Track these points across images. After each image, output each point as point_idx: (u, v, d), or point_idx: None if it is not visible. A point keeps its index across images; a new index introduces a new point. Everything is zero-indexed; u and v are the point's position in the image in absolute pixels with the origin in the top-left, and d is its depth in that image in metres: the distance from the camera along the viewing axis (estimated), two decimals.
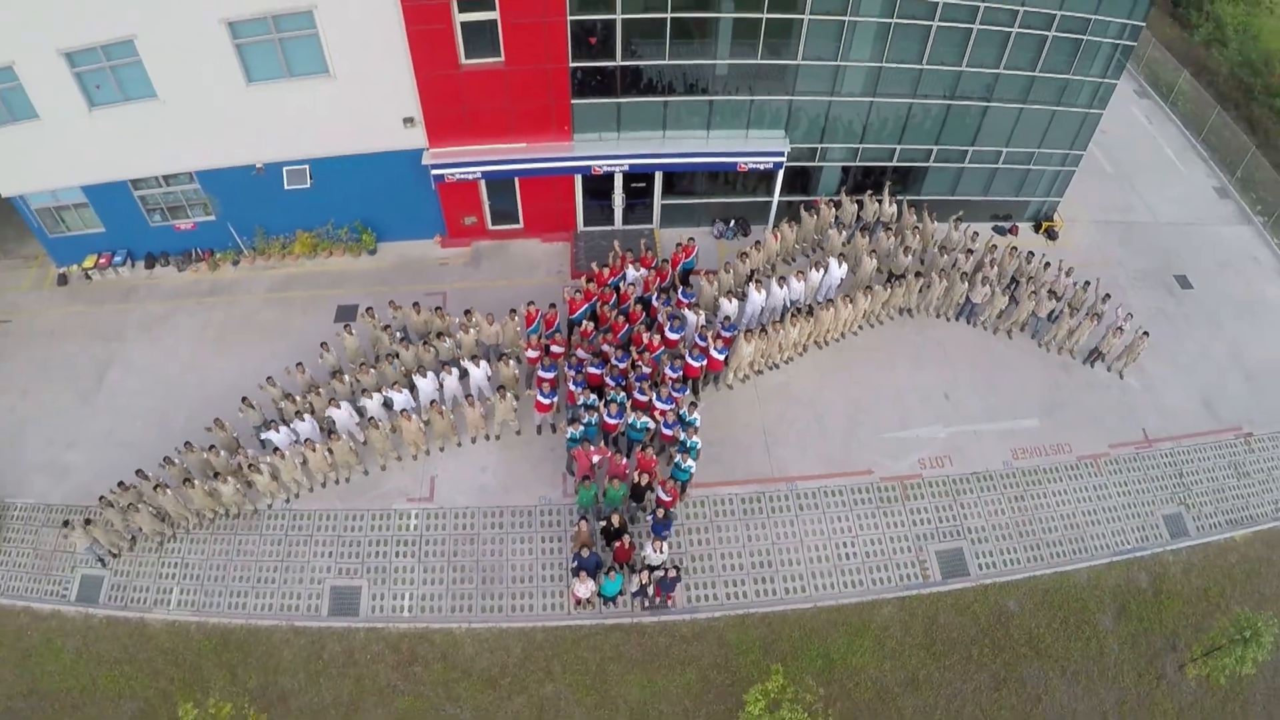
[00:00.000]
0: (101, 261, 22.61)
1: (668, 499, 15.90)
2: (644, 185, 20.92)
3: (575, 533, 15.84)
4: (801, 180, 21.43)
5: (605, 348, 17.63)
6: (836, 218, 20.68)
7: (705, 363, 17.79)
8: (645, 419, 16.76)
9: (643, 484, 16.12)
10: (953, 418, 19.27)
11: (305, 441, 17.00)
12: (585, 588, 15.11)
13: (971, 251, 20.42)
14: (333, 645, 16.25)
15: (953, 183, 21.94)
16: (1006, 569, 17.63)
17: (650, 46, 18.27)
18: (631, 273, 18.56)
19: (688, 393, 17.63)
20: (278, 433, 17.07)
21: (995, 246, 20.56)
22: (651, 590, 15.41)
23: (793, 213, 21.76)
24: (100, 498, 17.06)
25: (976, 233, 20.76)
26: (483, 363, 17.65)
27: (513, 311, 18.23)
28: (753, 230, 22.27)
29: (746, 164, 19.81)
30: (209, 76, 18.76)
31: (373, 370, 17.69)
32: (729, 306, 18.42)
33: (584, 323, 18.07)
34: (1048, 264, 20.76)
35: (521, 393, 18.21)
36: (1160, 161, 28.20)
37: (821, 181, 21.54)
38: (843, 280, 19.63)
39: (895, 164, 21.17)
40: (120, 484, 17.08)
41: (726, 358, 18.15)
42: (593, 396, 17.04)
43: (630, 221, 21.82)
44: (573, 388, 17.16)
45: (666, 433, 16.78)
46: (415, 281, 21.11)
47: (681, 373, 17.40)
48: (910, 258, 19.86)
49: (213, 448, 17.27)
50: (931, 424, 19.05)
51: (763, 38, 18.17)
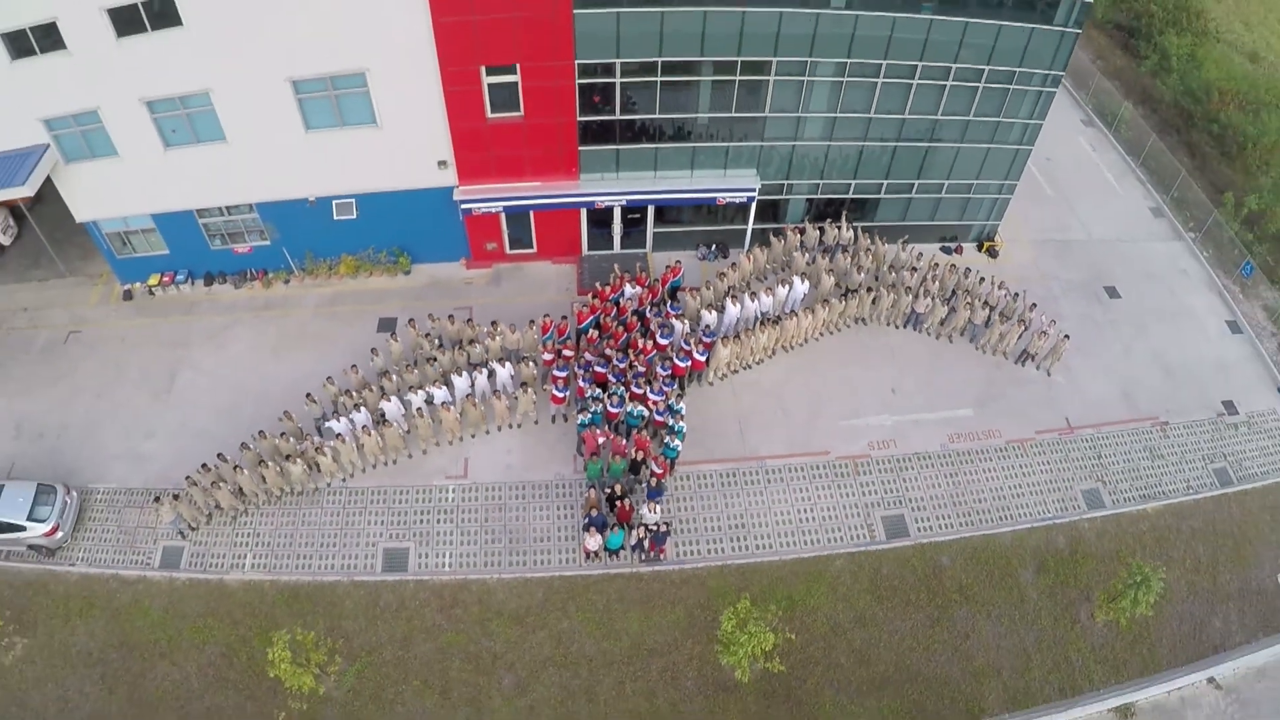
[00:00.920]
0: (165, 280, 27.87)
1: (659, 472, 21.20)
2: (638, 216, 26.55)
3: (585, 499, 21.06)
4: (772, 210, 27.10)
5: (608, 351, 22.99)
6: (802, 242, 26.16)
7: (690, 363, 23.23)
8: (641, 408, 22.08)
9: (639, 460, 21.46)
10: (898, 408, 24.68)
11: (361, 429, 22.18)
12: (594, 541, 20.27)
13: (916, 269, 25.90)
14: (387, 595, 21.30)
15: (903, 210, 27.58)
16: (941, 531, 22.88)
17: (644, 103, 23.72)
18: (629, 290, 24.07)
19: (676, 387, 22.96)
20: (338, 422, 22.23)
21: (936, 264, 26.09)
22: (647, 544, 20.63)
23: (764, 238, 27.40)
24: (186, 478, 22.11)
25: (920, 253, 26.37)
26: (507, 364, 22.98)
27: (531, 322, 23.67)
28: (730, 253, 27.90)
29: (724, 198, 25.50)
30: (273, 124, 24.08)
31: (415, 371, 22.90)
32: (709, 317, 23.83)
33: (590, 331, 23.47)
34: (982, 279, 26.19)
35: (539, 389, 23.47)
36: (1100, 185, 33.78)
37: (789, 211, 27.26)
38: (805, 295, 25.07)
39: (852, 196, 26.85)
40: (203, 465, 22.16)
41: (707, 359, 23.54)
42: (598, 390, 22.42)
43: (627, 246, 27.42)
44: (581, 384, 22.50)
45: (658, 419, 22.10)
46: (445, 298, 26.57)
47: (670, 371, 22.78)
48: (863, 275, 25.38)
49: (284, 435, 22.40)
50: (880, 413, 24.48)
51: (736, 95, 23.71)
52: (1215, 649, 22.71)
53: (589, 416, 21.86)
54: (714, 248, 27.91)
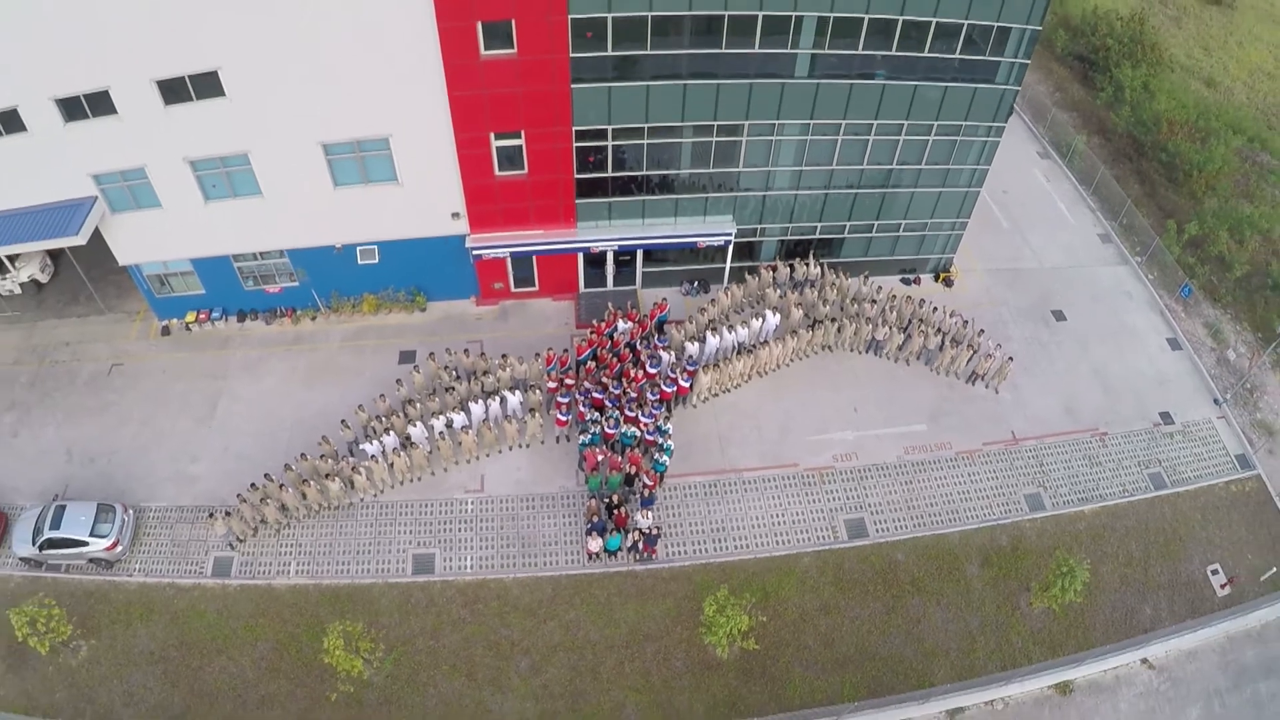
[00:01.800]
0: (201, 317, 32.93)
1: (651, 484, 26.37)
2: (629, 258, 31.91)
3: (587, 508, 26.21)
4: (747, 250, 32.53)
5: (604, 380, 28.22)
6: (774, 279, 31.37)
7: (676, 389, 28.53)
8: (634, 429, 27.26)
9: (633, 474, 26.62)
10: (859, 424, 30.01)
11: (391, 451, 27.17)
12: (595, 544, 25.38)
13: (875, 301, 31.23)
14: (417, 594, 26.30)
15: (865, 247, 33.01)
16: (896, 532, 28.10)
17: (632, 161, 28.94)
18: (621, 325, 29.36)
19: (664, 410, 28.15)
20: (371, 445, 27.23)
21: (894, 296, 31.41)
22: (641, 546, 25.75)
23: (741, 275, 32.81)
24: (238, 495, 27.07)
25: (880, 286, 31.69)
26: (517, 392, 28.15)
27: (536, 355, 28.95)
28: (711, 288, 33.32)
29: (704, 242, 30.95)
30: (304, 181, 29.16)
31: (436, 399, 27.94)
32: (692, 348, 29.19)
33: (589, 362, 28.63)
34: (935, 308, 31.47)
35: (545, 413, 28.56)
36: (1052, 214, 39.24)
37: (762, 250, 32.72)
38: (777, 326, 30.36)
39: (818, 236, 32.28)
40: (252, 485, 27.13)
41: (691, 385, 28.78)
42: (596, 414, 27.60)
43: (619, 284, 32.78)
44: (582, 409, 27.70)
45: (649, 439, 27.30)
46: (457, 333, 31.84)
47: (659, 397, 28.01)
48: (828, 307, 30.69)
49: (322, 457, 27.37)
50: (843, 429, 29.81)
51: (713, 152, 29.00)
52: (1145, 633, 27.98)
53: (589, 437, 27.11)
54: (696, 284, 33.43)
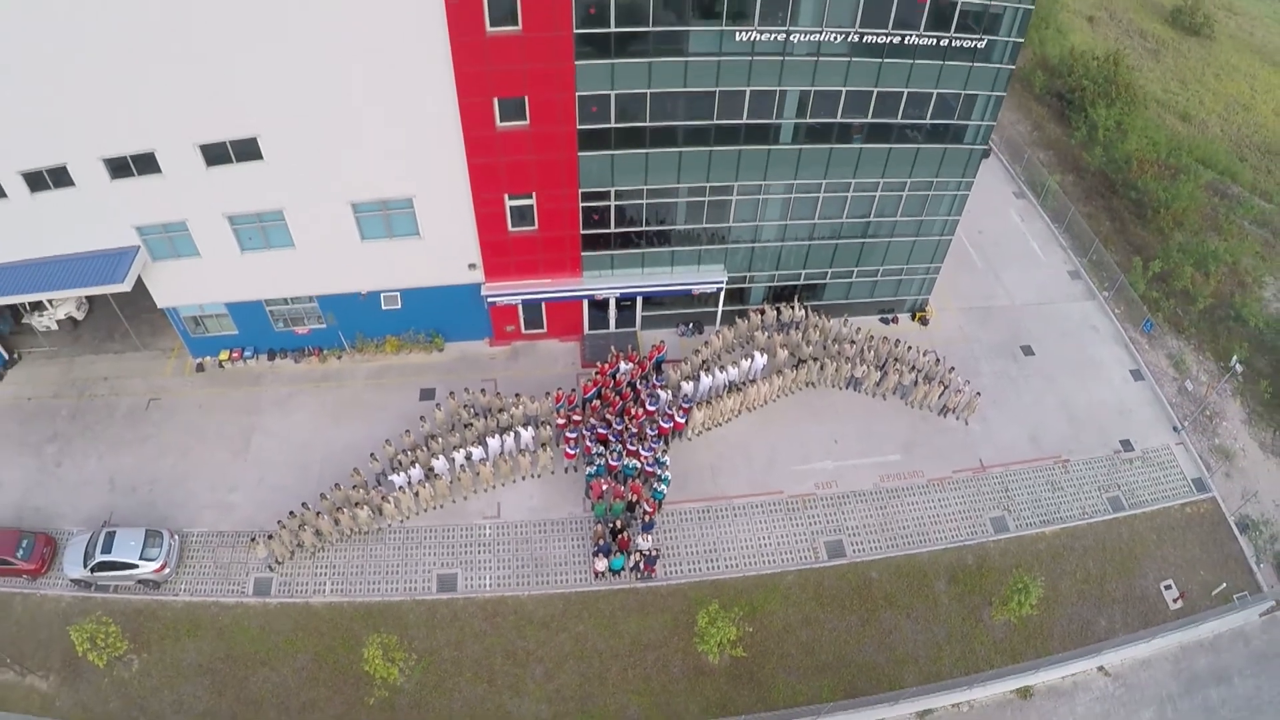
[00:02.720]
0: (234, 355, 38.04)
1: (650, 510, 31.48)
2: (630, 303, 37.28)
3: (593, 532, 31.36)
4: (737, 295, 37.96)
5: (608, 416, 33.34)
6: (762, 321, 36.49)
7: (673, 425, 33.65)
8: (635, 462, 32.40)
9: (634, 501, 31.67)
10: (839, 455, 35.27)
11: (416, 482, 32.15)
12: (601, 564, 30.49)
13: (854, 342, 36.52)
14: (442, 609, 31.32)
15: (846, 291, 38.45)
16: (871, 552, 33.27)
17: (633, 218, 34.12)
18: (623, 366, 34.59)
19: (662, 444, 33.19)
20: (398, 476, 32.22)
21: (871, 337, 36.60)
22: (642, 566, 30.83)
23: (731, 318, 38.22)
24: (278, 522, 32.03)
25: (859, 328, 36.98)
26: (529, 428, 33.18)
27: (546, 393, 34.23)
28: (704, 329, 38.72)
29: (698, 289, 36.33)
30: (334, 235, 34.28)
31: (457, 434, 32.94)
32: (687, 386, 34.44)
33: (594, 400, 33.63)
34: (910, 348, 36.69)
35: (554, 447, 33.61)
36: (1025, 253, 44.65)
37: (751, 295, 38.16)
38: (764, 366, 35.50)
39: (803, 282, 37.59)
40: (290, 513, 32.11)
41: (686, 421, 33.77)
42: (601, 448, 32.71)
43: (620, 325, 38.23)
44: (588, 443, 32.84)
45: (649, 470, 32.45)
46: (472, 371, 37.08)
47: (657, 432, 33.13)
48: (811, 347, 35.85)
49: (355, 487, 32.34)
50: (824, 459, 35.06)
51: (706, 210, 34.28)
52: (1100, 641, 33.06)
53: (594, 468, 32.30)
54: (691, 325, 38.91)
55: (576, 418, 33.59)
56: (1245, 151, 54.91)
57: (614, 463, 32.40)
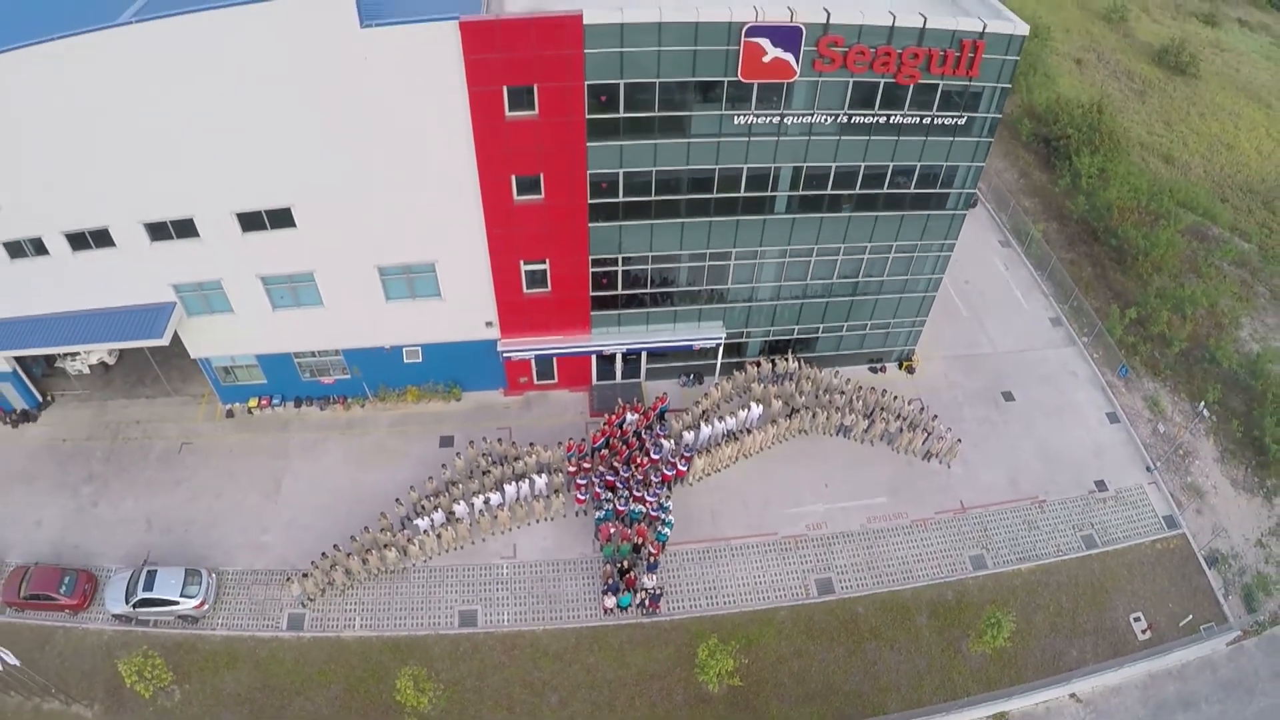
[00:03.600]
0: (262, 402, 42.91)
1: (655, 551, 36.47)
2: (635, 357, 42.32)
3: (603, 571, 36.34)
4: (735, 348, 43.23)
5: (615, 464, 38.36)
6: (758, 373, 41.45)
7: (675, 472, 38.57)
8: (640, 507, 37.37)
9: (640, 543, 36.59)
10: (829, 498, 40.33)
11: (439, 525, 36.96)
12: (610, 601, 35.46)
13: (844, 392, 41.51)
14: (464, 643, 36.17)
15: (836, 344, 43.67)
16: (858, 589, 38.25)
17: (639, 281, 39.24)
18: (630, 417, 39.65)
19: (665, 490, 38.16)
20: (423, 520, 37.02)
21: (860, 387, 41.68)
22: (647, 603, 35.78)
23: (729, 370, 43.48)
24: (311, 562, 36.80)
25: (848, 379, 41.99)
26: (543, 475, 38.13)
27: (559, 443, 39.29)
28: (705, 380, 43.94)
29: (698, 344, 41.47)
30: (361, 296, 39.22)
31: (476, 481, 37.77)
32: (689, 435, 39.30)
33: (603, 449, 38.53)
34: (895, 397, 41.71)
35: (566, 493, 38.58)
36: (1008, 301, 49.77)
37: (748, 349, 43.41)
38: (760, 416, 40.45)
39: (796, 336, 42.76)
40: (323, 554, 36.88)
41: (688, 468, 38.64)
42: (609, 494, 37.67)
43: (626, 376, 43.42)
44: (597, 489, 37.88)
45: (653, 515, 37.46)
46: (488, 420, 42.10)
47: (661, 479, 38.05)
48: (804, 397, 40.79)
49: (382, 530, 37.15)
50: (815, 502, 40.12)
51: (706, 273, 39.35)
52: (1071, 670, 37.95)
53: (603, 513, 37.29)
54: (691, 376, 44.27)
55: (586, 465, 38.57)
56: (1227, 191, 60.26)
57: (621, 507, 37.42)
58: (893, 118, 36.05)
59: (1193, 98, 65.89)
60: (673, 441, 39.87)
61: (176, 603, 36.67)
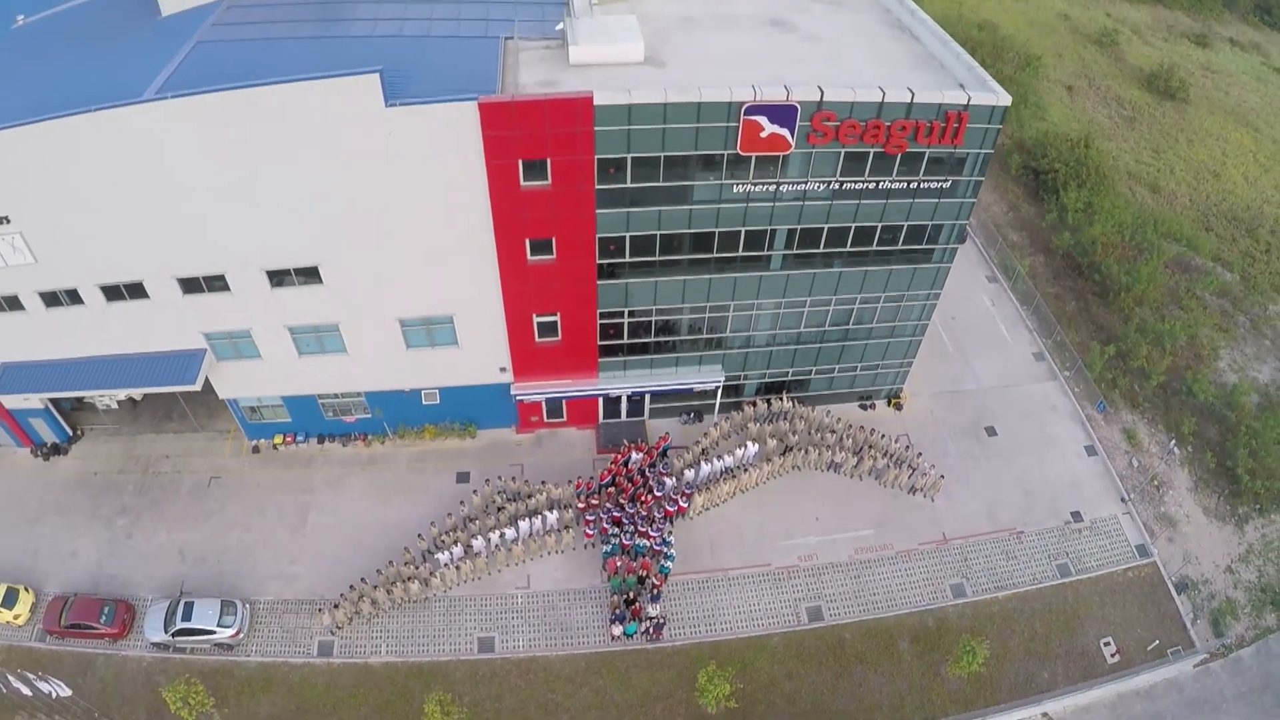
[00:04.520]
0: (287, 440, 48.35)
1: (658, 583, 42.25)
2: (640, 398, 47.83)
3: (610, 601, 42.05)
4: (733, 389, 48.94)
5: (621, 501, 43.81)
6: (754, 413, 46.98)
7: (677, 508, 44.22)
8: (645, 541, 43.05)
9: (644, 575, 42.22)
10: (820, 531, 46.11)
11: (458, 558, 42.46)
12: (617, 629, 41.24)
13: (834, 431, 47.11)
14: (482, 668, 41.82)
15: (829, 384, 49.42)
16: (846, 616, 44.03)
17: (644, 331, 44.73)
18: (635, 455, 45.28)
19: (668, 525, 43.70)
20: (443, 554, 42.52)
21: (849, 425, 47.27)
22: (651, 631, 41.49)
23: (728, 410, 49.19)
24: (340, 594, 42.24)
25: (839, 418, 47.59)
26: (554, 511, 43.72)
27: (569, 481, 44.93)
28: (704, 418, 49.61)
29: (699, 387, 46.97)
30: (383, 344, 44.68)
31: (492, 517, 43.29)
32: (689, 473, 44.91)
33: (609, 487, 44.21)
34: (882, 435, 47.28)
35: (576, 528, 44.13)
36: (993, 337, 55.40)
37: (745, 390, 49.13)
38: (755, 453, 46.00)
39: (791, 378, 48.22)
40: (350, 586, 42.36)
41: (688, 504, 44.20)
42: (615, 529, 43.40)
43: (631, 415, 49.20)
44: (605, 524, 43.50)
45: (656, 549, 43.11)
46: (501, 457, 47.72)
47: (664, 514, 43.64)
48: (797, 436, 46.33)
49: (406, 563, 42.61)
50: (806, 535, 45.87)
51: (706, 323, 45.00)
52: (1043, 692, 43.70)
53: (610, 547, 43.03)
54: (692, 415, 50.07)
55: (594, 502, 44.27)
56: (1211, 220, 65.84)
57: (627, 542, 43.16)
58: (882, 183, 41.30)
59: (1181, 123, 71.25)
60: (674, 479, 45.57)
61: (214, 632, 41.96)
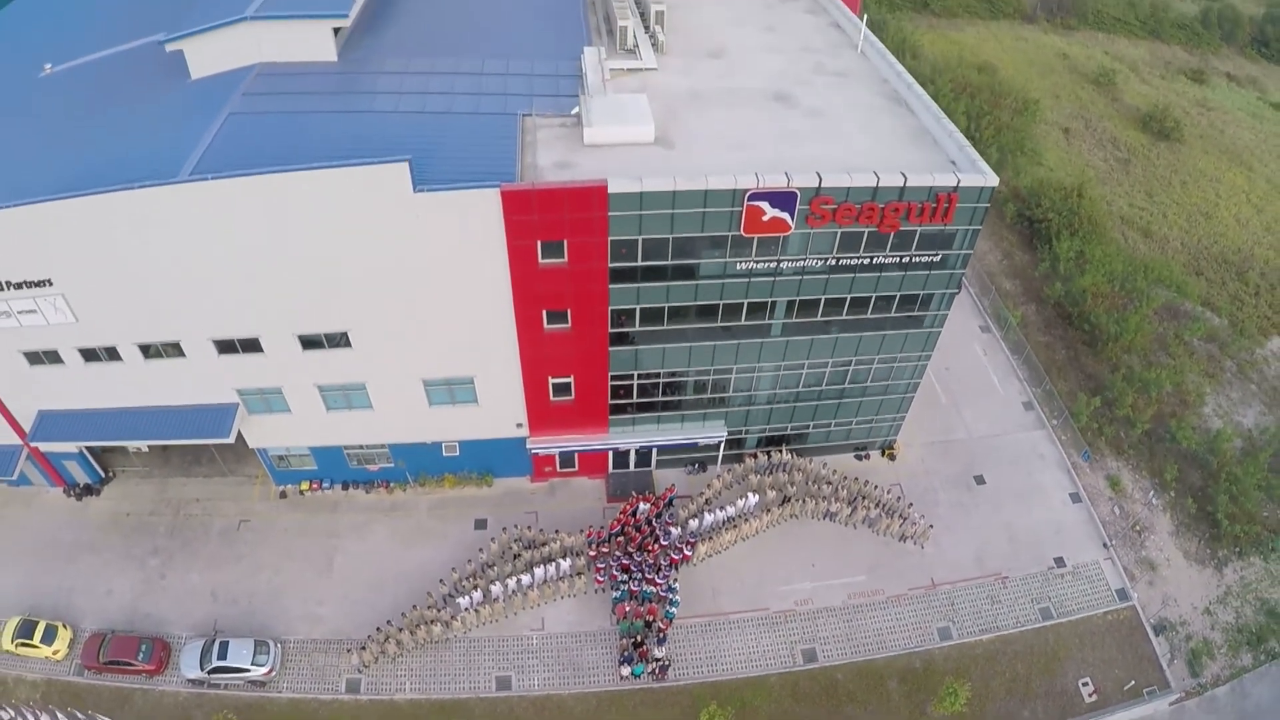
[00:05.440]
0: (313, 486, 54.36)
1: (664, 627, 48.34)
2: (647, 451, 53.80)
3: (619, 644, 48.20)
4: (735, 442, 55.07)
5: (629, 549, 49.76)
6: (755, 464, 53.01)
7: (682, 556, 50.22)
8: (651, 588, 49.06)
9: (651, 620, 48.22)
10: (815, 577, 52.19)
11: (477, 602, 48.43)
12: (625, 670, 47.44)
13: (830, 482, 53.19)
14: (500, 705, 48.07)
15: (825, 436, 55.65)
16: (839, 658, 50.25)
17: (651, 392, 50.71)
18: (642, 506, 51.37)
19: (673, 572, 49.80)
20: (463, 599, 48.48)
21: (845, 477, 53.38)
22: (657, 671, 47.66)
23: (730, 461, 55.12)
24: (367, 636, 48.22)
25: (835, 470, 53.73)
26: (567, 558, 49.76)
27: (580, 530, 50.99)
28: (708, 468, 55.73)
29: (703, 442, 52.88)
30: (406, 402, 50.73)
31: (509, 564, 49.26)
32: (693, 523, 50.96)
33: (618, 536, 50.17)
34: (875, 486, 53.34)
35: (588, 574, 50.16)
36: (985, 386, 61.43)
37: (746, 443, 55.28)
38: (755, 503, 51.99)
39: (790, 431, 54.27)
40: (376, 628, 48.33)
41: (692, 552, 50.23)
42: (624, 576, 49.50)
43: (639, 466, 55.45)
44: (614, 571, 49.60)
45: (662, 595, 49.05)
46: (517, 504, 53.85)
47: (669, 562, 49.67)
48: (795, 487, 52.34)
49: (429, 607, 48.57)
50: (803, 581, 52.00)
51: (710, 384, 51.00)
52: None
53: (619, 593, 49.11)
54: (696, 465, 56.38)
55: (604, 550, 50.48)
56: (1202, 264, 71.74)
57: (635, 588, 49.29)
58: (876, 258, 47.08)
59: (1175, 164, 76.94)
60: (679, 528, 51.69)
61: (248, 670, 47.91)
